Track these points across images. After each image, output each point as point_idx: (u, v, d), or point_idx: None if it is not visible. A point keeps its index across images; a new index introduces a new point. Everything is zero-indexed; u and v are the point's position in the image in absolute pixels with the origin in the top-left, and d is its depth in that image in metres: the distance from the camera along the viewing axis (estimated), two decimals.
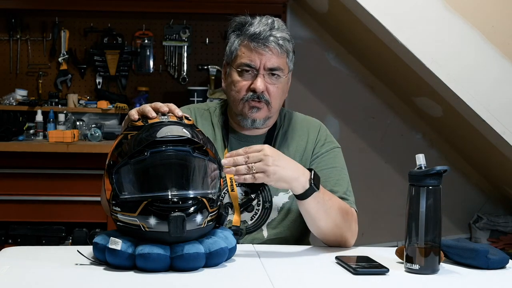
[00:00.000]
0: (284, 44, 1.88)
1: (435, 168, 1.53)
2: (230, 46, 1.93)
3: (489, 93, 3.32)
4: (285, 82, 1.94)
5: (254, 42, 1.87)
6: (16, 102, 3.91)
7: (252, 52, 1.87)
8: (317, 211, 1.73)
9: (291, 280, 1.51)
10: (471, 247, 1.64)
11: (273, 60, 1.88)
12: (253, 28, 1.88)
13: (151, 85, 4.14)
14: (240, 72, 1.90)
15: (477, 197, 4.47)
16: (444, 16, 3.28)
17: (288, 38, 1.91)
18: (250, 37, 1.87)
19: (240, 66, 1.89)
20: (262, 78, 1.88)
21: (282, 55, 1.89)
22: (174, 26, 4.15)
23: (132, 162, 1.53)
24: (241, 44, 1.90)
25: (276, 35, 1.87)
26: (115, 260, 1.51)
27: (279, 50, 1.87)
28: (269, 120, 1.95)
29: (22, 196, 3.58)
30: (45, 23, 4.10)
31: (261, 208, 1.91)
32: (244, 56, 1.89)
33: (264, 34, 1.86)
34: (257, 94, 1.88)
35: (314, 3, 4.06)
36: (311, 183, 1.68)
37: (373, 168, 4.38)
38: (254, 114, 1.90)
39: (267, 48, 1.86)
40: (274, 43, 1.87)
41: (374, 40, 3.58)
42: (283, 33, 1.89)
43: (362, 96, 4.35)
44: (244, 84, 1.89)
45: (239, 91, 1.90)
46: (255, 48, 1.87)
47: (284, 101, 2.00)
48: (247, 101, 1.89)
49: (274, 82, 1.90)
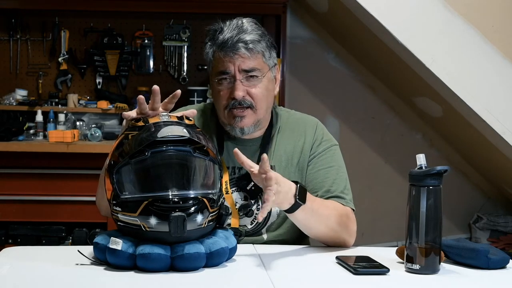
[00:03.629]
0: (254, 46, 1.84)
1: (435, 168, 1.53)
2: (206, 56, 1.91)
3: (489, 93, 3.33)
4: (268, 80, 1.90)
5: (223, 51, 1.84)
6: (16, 102, 3.91)
7: (225, 59, 1.84)
8: (307, 221, 1.75)
9: (291, 280, 1.51)
10: (471, 247, 1.64)
11: (246, 63, 1.84)
12: (222, 35, 1.85)
13: (151, 85, 4.04)
14: (219, 81, 1.87)
15: (477, 197, 4.47)
16: (444, 16, 3.28)
17: (257, 39, 1.85)
18: (219, 46, 1.85)
19: (217, 75, 1.87)
20: (239, 83, 1.85)
21: (255, 56, 1.85)
22: (174, 26, 4.15)
23: (133, 162, 1.53)
24: (214, 54, 1.88)
25: (245, 39, 1.84)
26: (116, 260, 1.51)
27: (249, 54, 1.84)
28: (259, 123, 1.91)
29: (22, 196, 3.58)
30: (45, 23, 4.10)
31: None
32: (218, 65, 1.87)
33: (231, 41, 1.83)
34: (238, 100, 1.85)
35: (314, 3, 4.06)
36: (296, 199, 1.67)
37: (373, 168, 4.38)
38: (239, 123, 1.87)
39: (236, 55, 1.83)
40: (244, 48, 1.83)
41: (374, 40, 3.58)
42: (252, 34, 1.85)
43: (362, 96, 4.36)
44: (224, 93, 1.87)
45: (221, 98, 1.88)
46: (225, 56, 1.84)
47: (284, 101, 2.00)
48: (230, 110, 1.87)
49: (253, 84, 1.86)
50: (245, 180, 1.89)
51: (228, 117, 1.88)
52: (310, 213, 1.73)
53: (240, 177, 1.91)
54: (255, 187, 1.81)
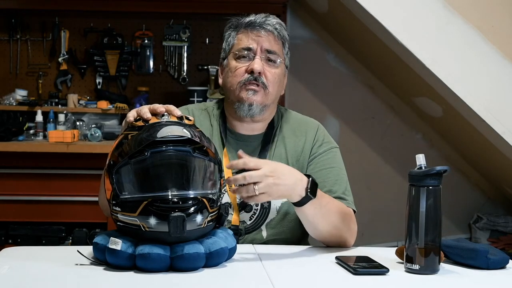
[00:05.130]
0: (280, 29, 1.94)
1: (435, 168, 1.53)
2: (226, 40, 1.97)
3: (489, 93, 3.33)
4: (281, 72, 1.95)
5: (250, 27, 1.92)
6: (16, 102, 3.91)
7: (249, 37, 1.92)
8: (314, 216, 1.74)
9: (291, 280, 1.51)
10: (471, 247, 1.64)
11: (270, 42, 1.91)
12: (248, 18, 1.94)
13: (151, 85, 4.14)
14: (238, 58, 1.92)
15: (477, 197, 4.48)
16: (444, 16, 3.28)
17: (284, 27, 1.96)
18: (246, 25, 1.93)
19: (238, 51, 1.92)
20: (259, 59, 1.90)
21: (278, 41, 1.93)
22: (174, 26, 4.15)
23: (133, 162, 1.53)
24: (238, 33, 1.94)
25: (272, 20, 1.94)
26: (115, 260, 1.51)
27: (276, 34, 1.92)
28: (265, 110, 1.93)
29: (22, 196, 3.58)
30: (45, 23, 4.10)
31: (259, 208, 1.91)
32: (241, 42, 1.92)
33: (260, 20, 1.93)
34: (254, 76, 1.88)
35: (314, 3, 4.06)
36: (307, 192, 1.68)
37: (373, 168, 4.38)
38: (251, 97, 1.89)
39: (264, 30, 1.91)
40: (271, 25, 1.92)
41: (374, 40, 3.58)
42: (279, 20, 1.96)
43: (362, 96, 4.36)
44: (241, 68, 1.91)
45: (236, 75, 1.91)
46: (251, 32, 1.92)
47: (284, 101, 2.01)
48: (244, 84, 1.90)
49: (270, 67, 1.91)
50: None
51: (240, 92, 1.90)
52: (319, 208, 1.72)
53: (239, 172, 1.91)
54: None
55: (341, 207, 1.82)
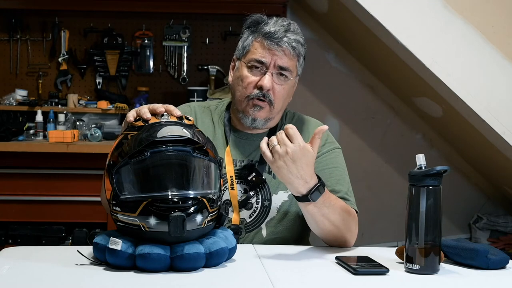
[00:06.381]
0: (297, 47, 1.90)
1: (435, 168, 1.53)
2: (243, 41, 1.95)
3: (489, 93, 3.32)
4: (291, 85, 1.95)
5: (268, 40, 1.88)
6: (16, 102, 3.91)
7: (265, 49, 1.89)
8: (315, 215, 1.74)
9: (291, 280, 1.51)
10: (471, 247, 1.64)
11: (284, 59, 1.89)
12: (268, 27, 1.90)
13: (151, 85, 4.14)
14: (250, 68, 1.91)
15: (477, 197, 4.47)
16: (444, 16, 3.28)
17: (302, 42, 1.93)
18: (265, 35, 1.89)
19: (251, 61, 1.90)
20: (270, 76, 1.89)
21: (294, 58, 1.91)
22: (174, 26, 4.15)
23: (132, 162, 1.53)
24: (255, 40, 1.91)
25: (290, 37, 1.89)
26: (115, 260, 1.51)
27: (292, 52, 1.89)
28: (270, 121, 1.95)
29: (22, 196, 3.58)
30: (45, 23, 4.10)
31: (260, 206, 1.91)
32: (256, 52, 1.90)
33: (278, 34, 1.88)
34: (263, 92, 1.88)
35: (314, 3, 4.06)
36: (309, 194, 1.67)
37: (373, 168, 4.38)
38: (255, 112, 1.90)
39: (280, 48, 1.88)
40: (288, 44, 1.88)
41: (374, 40, 3.58)
42: (297, 36, 1.92)
43: (362, 96, 4.36)
44: (252, 80, 1.90)
45: (246, 87, 1.90)
46: (268, 46, 1.88)
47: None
48: (252, 99, 1.90)
49: (281, 83, 1.91)
50: (246, 170, 1.92)
51: (246, 106, 1.91)
52: (320, 208, 1.71)
53: (242, 168, 1.93)
54: (255, 178, 1.89)
55: (344, 207, 1.82)
